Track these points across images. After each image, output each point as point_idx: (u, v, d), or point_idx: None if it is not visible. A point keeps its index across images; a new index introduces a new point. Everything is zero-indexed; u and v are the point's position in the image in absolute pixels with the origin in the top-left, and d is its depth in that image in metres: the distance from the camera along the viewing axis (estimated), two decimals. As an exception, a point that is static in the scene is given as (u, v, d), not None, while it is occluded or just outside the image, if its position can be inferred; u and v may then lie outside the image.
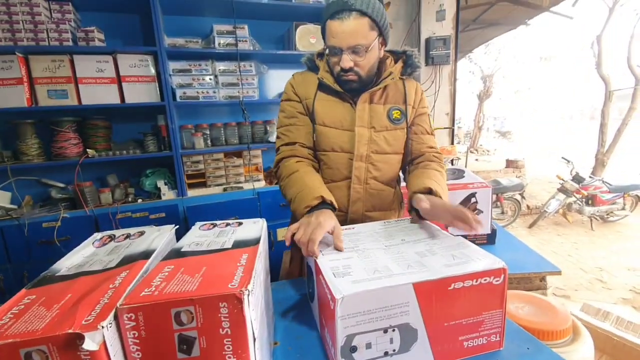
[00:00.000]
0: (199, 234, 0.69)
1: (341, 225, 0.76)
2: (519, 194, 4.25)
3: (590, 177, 4.40)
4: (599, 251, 3.50)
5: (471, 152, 10.82)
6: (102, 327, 0.38)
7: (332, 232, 0.73)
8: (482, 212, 1.29)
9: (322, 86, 0.97)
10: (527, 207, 4.73)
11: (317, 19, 2.24)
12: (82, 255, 0.62)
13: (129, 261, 0.56)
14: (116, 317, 0.41)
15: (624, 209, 4.20)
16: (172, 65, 2.01)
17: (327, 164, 1.00)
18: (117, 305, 0.41)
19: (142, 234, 0.70)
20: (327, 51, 0.91)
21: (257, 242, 0.63)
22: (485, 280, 0.58)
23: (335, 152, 0.98)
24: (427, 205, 0.77)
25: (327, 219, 0.74)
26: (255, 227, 0.72)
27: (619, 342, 1.49)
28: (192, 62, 2.05)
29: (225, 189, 2.18)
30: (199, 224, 0.76)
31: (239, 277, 0.47)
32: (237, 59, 2.11)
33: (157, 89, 1.96)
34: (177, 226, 0.74)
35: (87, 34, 1.81)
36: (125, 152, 1.97)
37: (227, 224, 0.75)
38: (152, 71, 1.94)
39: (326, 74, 0.96)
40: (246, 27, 2.12)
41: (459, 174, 1.44)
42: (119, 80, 1.89)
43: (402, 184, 1.10)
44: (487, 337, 0.61)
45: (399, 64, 0.98)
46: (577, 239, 3.85)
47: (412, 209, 0.84)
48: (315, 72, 0.99)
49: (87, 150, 1.91)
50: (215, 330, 0.43)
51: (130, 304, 0.41)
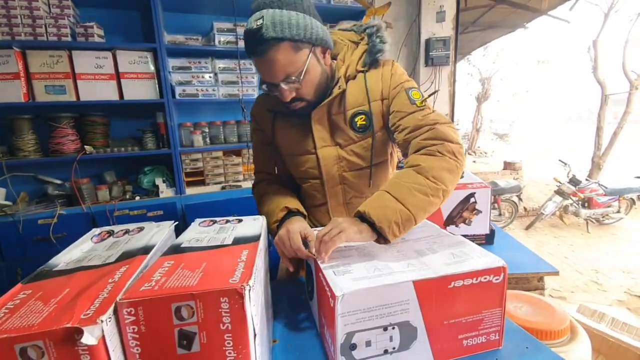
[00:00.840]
0: (198, 230, 0.68)
1: None
2: (516, 196, 4.26)
3: (586, 179, 4.43)
4: (594, 253, 3.52)
5: (469, 154, 10.86)
6: (102, 321, 0.38)
7: (305, 236, 0.73)
8: (481, 212, 1.29)
9: (277, 112, 0.90)
10: (524, 209, 4.75)
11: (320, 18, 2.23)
12: (81, 250, 0.61)
13: (128, 256, 0.55)
14: (116, 311, 0.41)
15: (619, 212, 4.23)
16: (172, 62, 2.00)
17: (305, 190, 0.97)
18: (117, 299, 0.41)
19: (141, 229, 0.70)
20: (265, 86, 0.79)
21: (257, 238, 0.62)
22: (485, 278, 0.58)
23: (308, 179, 0.93)
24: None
25: (292, 225, 0.76)
26: (255, 224, 0.71)
27: (614, 343, 1.50)
28: (192, 60, 2.04)
29: (223, 187, 2.17)
30: (198, 221, 0.75)
31: (239, 273, 0.47)
32: (237, 57, 2.10)
33: (156, 86, 1.95)
34: (177, 222, 0.73)
35: (86, 29, 1.80)
36: (123, 149, 1.96)
37: (227, 221, 0.74)
38: (152, 68, 1.93)
39: (275, 101, 0.85)
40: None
41: (458, 174, 1.45)
42: (118, 76, 1.88)
43: None
44: (486, 335, 0.61)
45: (357, 54, 0.85)
46: (573, 241, 3.87)
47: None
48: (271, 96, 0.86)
49: (85, 146, 1.90)
50: (215, 325, 0.42)
51: (130, 298, 0.41)
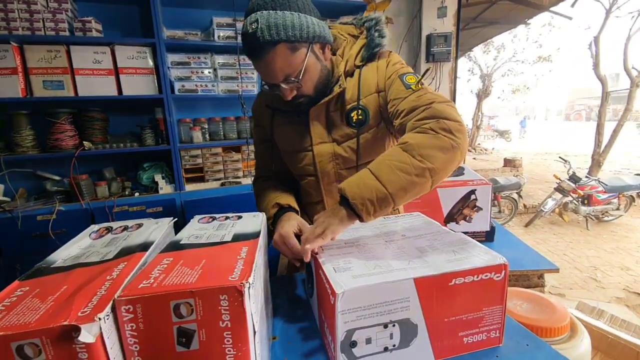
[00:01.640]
0: (198, 227, 0.68)
1: None
2: (516, 193, 4.26)
3: (586, 177, 4.43)
4: (593, 250, 3.53)
5: (469, 151, 10.84)
6: (99, 319, 0.37)
7: (299, 232, 0.73)
8: (481, 209, 1.29)
9: (276, 109, 0.90)
10: (524, 206, 4.75)
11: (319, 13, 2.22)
12: (79, 246, 0.61)
13: (126, 253, 0.55)
14: (114, 309, 0.40)
15: (618, 209, 4.23)
16: (171, 57, 1.98)
17: (303, 188, 0.96)
18: (115, 296, 0.40)
19: (140, 226, 0.69)
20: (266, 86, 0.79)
21: (257, 235, 0.62)
22: (486, 276, 0.58)
23: (305, 176, 0.92)
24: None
25: (283, 225, 0.76)
26: (255, 221, 0.71)
27: (613, 340, 1.50)
28: (191, 55, 2.03)
29: (223, 184, 2.16)
30: (197, 217, 0.75)
31: (239, 270, 0.46)
32: (237, 53, 2.08)
33: (155, 82, 1.94)
34: (176, 219, 0.73)
35: (84, 24, 1.78)
36: (122, 145, 1.95)
37: (227, 217, 0.74)
38: (151, 63, 1.92)
39: (274, 98, 0.86)
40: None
41: (458, 171, 1.44)
42: (117, 72, 1.86)
43: None
44: (487, 333, 0.61)
45: (355, 49, 0.84)
46: (573, 238, 3.88)
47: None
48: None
49: (84, 142, 1.89)
50: (215, 323, 0.42)
51: (128, 295, 0.40)
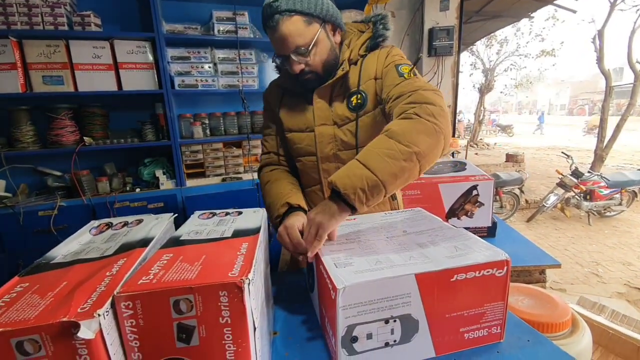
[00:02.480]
0: (198, 223, 0.68)
1: None
2: (518, 188, 4.25)
3: (589, 172, 4.40)
4: (595, 245, 3.52)
5: (471, 146, 10.79)
6: (99, 315, 0.37)
7: (302, 228, 0.72)
8: (483, 204, 1.28)
9: (285, 90, 0.94)
10: (526, 201, 4.73)
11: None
12: (79, 242, 0.61)
13: (126, 249, 0.55)
14: (113, 305, 0.40)
15: (620, 205, 4.21)
16: (171, 52, 1.97)
17: (301, 170, 0.97)
18: (115, 293, 0.40)
19: (140, 222, 0.69)
20: (277, 59, 0.85)
21: (257, 231, 0.62)
22: (488, 272, 0.57)
23: (304, 156, 0.93)
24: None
25: (290, 221, 0.75)
26: (255, 217, 0.71)
27: (614, 335, 1.50)
28: (191, 50, 2.01)
29: (224, 179, 2.16)
30: (197, 213, 0.74)
31: (239, 266, 0.46)
32: (237, 47, 2.07)
33: (155, 77, 1.93)
34: (176, 215, 0.73)
35: (83, 18, 1.76)
36: (122, 140, 1.95)
37: (227, 213, 0.73)
38: (150, 58, 1.90)
39: (285, 77, 0.93)
40: (246, 13, 2.07)
41: (460, 166, 1.43)
42: (116, 66, 1.85)
43: None
44: (488, 329, 0.61)
45: (361, 40, 0.88)
46: (574, 234, 3.87)
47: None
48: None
49: (84, 138, 1.88)
50: (215, 319, 0.42)
51: (128, 291, 0.40)
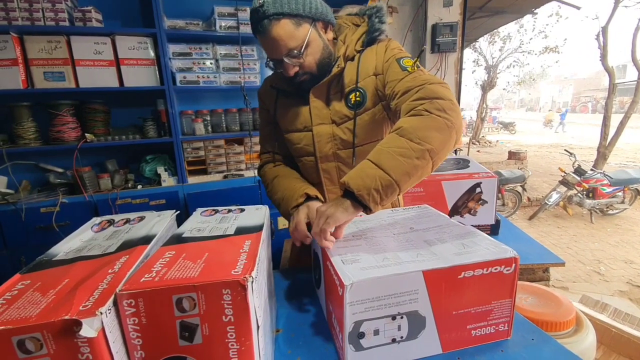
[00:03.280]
0: (200, 220, 0.67)
1: None
2: (521, 186, 4.23)
3: (591, 170, 4.38)
4: (597, 244, 3.51)
5: (473, 143, 10.75)
6: (101, 313, 0.36)
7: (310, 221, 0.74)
8: (486, 202, 1.27)
9: (280, 90, 0.92)
10: (528, 199, 4.71)
11: None
12: (81, 239, 0.60)
13: (128, 246, 0.54)
14: (115, 303, 0.39)
15: (623, 203, 4.19)
16: (172, 48, 1.96)
17: (302, 169, 0.96)
18: (117, 290, 0.40)
19: (142, 219, 0.68)
20: (270, 62, 0.83)
21: (260, 228, 0.61)
22: (495, 269, 0.57)
23: (303, 157, 0.92)
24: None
25: (298, 215, 0.77)
26: (257, 214, 0.70)
27: (617, 333, 1.49)
28: (193, 45, 1.99)
29: (225, 176, 2.15)
30: (200, 210, 0.74)
31: (242, 264, 0.45)
32: (239, 43, 2.05)
33: (157, 73, 1.92)
34: (178, 212, 0.72)
35: (84, 14, 1.75)
36: (124, 137, 1.94)
37: (229, 210, 0.73)
38: (152, 54, 1.89)
39: (278, 78, 0.91)
40: (248, 9, 2.05)
41: (464, 163, 1.42)
42: (118, 62, 1.84)
43: None
44: (495, 326, 0.60)
45: (357, 35, 0.86)
46: (577, 232, 3.86)
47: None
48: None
49: (86, 134, 1.88)
50: (218, 317, 0.41)
51: (130, 289, 0.40)
